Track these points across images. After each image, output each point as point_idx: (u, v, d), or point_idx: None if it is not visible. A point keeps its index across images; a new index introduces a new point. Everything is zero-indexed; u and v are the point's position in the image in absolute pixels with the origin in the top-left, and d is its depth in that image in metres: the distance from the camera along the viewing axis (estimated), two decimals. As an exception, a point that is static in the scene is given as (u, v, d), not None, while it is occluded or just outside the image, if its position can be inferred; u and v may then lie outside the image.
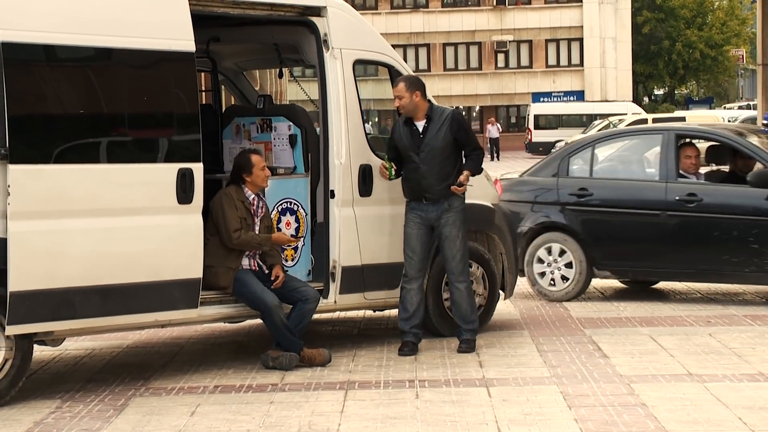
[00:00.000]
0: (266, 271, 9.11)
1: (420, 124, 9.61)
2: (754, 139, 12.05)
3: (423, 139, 9.58)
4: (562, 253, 12.22)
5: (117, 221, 8.29)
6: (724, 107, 68.10)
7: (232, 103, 11.60)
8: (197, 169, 8.63)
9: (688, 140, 12.30)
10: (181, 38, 8.61)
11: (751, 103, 59.74)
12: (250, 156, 9.13)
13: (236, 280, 8.98)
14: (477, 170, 9.70)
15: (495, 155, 55.70)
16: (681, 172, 11.89)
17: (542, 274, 12.32)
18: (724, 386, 8.11)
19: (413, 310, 9.58)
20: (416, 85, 9.64)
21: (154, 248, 8.46)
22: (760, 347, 9.52)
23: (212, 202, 9.01)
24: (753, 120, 37.28)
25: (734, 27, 75.33)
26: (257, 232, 9.09)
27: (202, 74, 10.96)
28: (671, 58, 74.05)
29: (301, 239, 9.61)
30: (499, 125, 59.56)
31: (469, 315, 9.68)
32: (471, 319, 9.68)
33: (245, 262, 9.08)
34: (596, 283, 13.16)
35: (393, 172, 9.60)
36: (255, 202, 9.12)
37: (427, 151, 9.55)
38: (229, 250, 8.96)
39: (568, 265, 12.21)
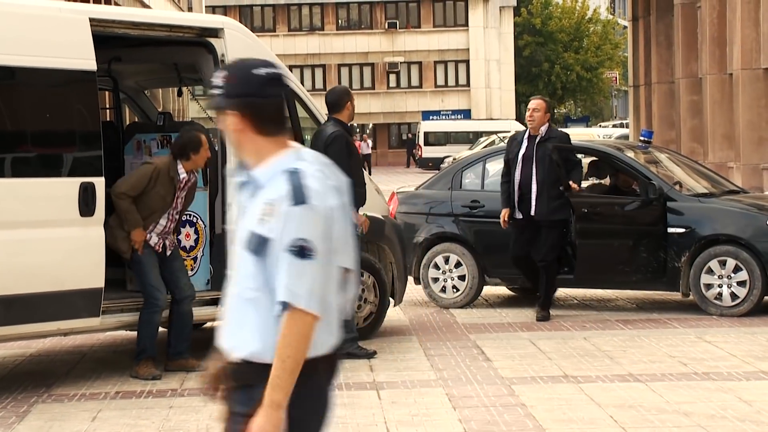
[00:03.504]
0: (168, 253, 8.96)
1: None
2: (631, 154, 12.25)
3: None
4: (458, 265, 12.27)
5: (21, 233, 8.14)
6: (600, 125, 69.24)
7: (135, 120, 11.45)
8: (99, 183, 8.53)
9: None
10: (83, 57, 8.50)
11: (624, 121, 60.86)
12: (201, 136, 8.89)
13: (137, 262, 8.78)
14: None
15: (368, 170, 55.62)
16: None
17: (435, 280, 12.36)
18: (597, 387, 8.21)
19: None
20: None
21: (57, 259, 8.32)
22: (630, 350, 9.66)
23: (143, 165, 8.81)
24: (626, 137, 37.95)
25: (608, 51, 76.66)
26: (179, 204, 8.87)
27: (105, 93, 10.82)
28: (550, 79, 75.07)
29: (200, 250, 9.50)
30: (369, 142, 59.75)
31: None
32: None
33: (153, 239, 8.91)
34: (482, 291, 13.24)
35: None
36: (185, 181, 8.91)
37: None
38: None
39: (462, 278, 12.26)
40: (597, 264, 11.61)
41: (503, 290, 13.20)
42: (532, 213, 11.11)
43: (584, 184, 13.24)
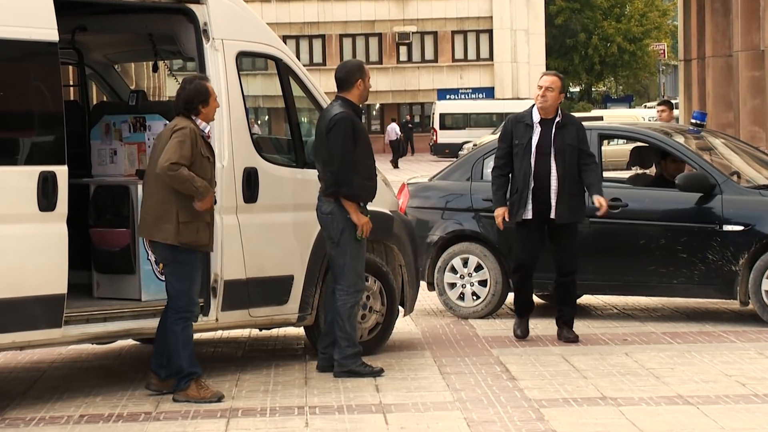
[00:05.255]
0: None
1: None
2: (681, 140, 12.24)
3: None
4: (478, 268, 12.26)
5: (-30, 231, 8.16)
6: (645, 106, 69.24)
7: (103, 99, 11.47)
8: (61, 172, 8.54)
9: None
10: (42, 26, 8.49)
11: (673, 101, 60.88)
12: (207, 84, 8.84)
13: (184, 263, 8.70)
14: None
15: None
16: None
17: (452, 285, 12.35)
18: (640, 410, 8.21)
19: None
20: None
21: (11, 261, 8.33)
22: (679, 367, 9.67)
23: (175, 133, 8.63)
24: (675, 119, 37.93)
25: (654, 19, 76.63)
26: (214, 172, 8.86)
27: (69, 67, 10.83)
28: (587, 52, 75.10)
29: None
30: (396, 126, 58.94)
31: None
32: None
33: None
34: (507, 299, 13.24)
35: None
36: (209, 133, 8.89)
37: None
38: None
39: (482, 283, 12.25)
40: (633, 266, 11.62)
41: (536, 297, 13.22)
42: (552, 215, 10.71)
43: (626, 173, 13.24)
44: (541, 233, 10.87)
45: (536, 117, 10.84)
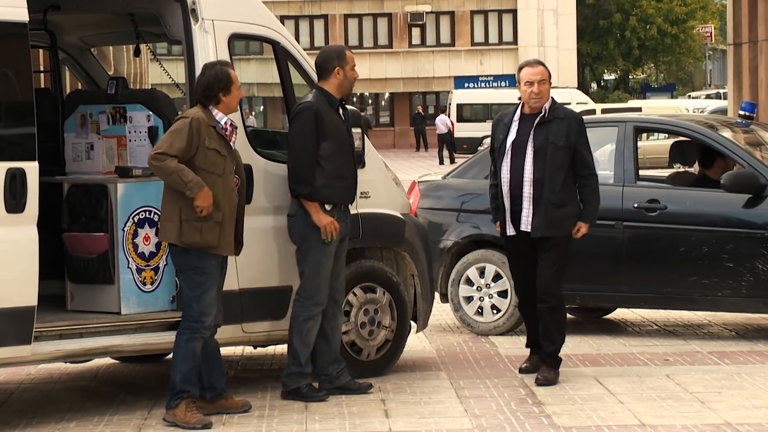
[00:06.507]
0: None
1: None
2: (728, 134, 12.25)
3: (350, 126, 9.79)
4: (497, 277, 12.25)
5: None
6: (689, 96, 69.23)
7: (78, 87, 11.51)
8: (31, 169, 8.57)
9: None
10: (10, 4, 8.53)
11: (721, 91, 60.87)
12: (229, 69, 8.93)
13: (198, 269, 8.75)
14: None
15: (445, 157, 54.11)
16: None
17: (469, 299, 12.35)
18: (683, 439, 8.24)
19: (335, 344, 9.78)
20: None
21: (-26, 270, 8.37)
22: (727, 391, 9.68)
23: (181, 120, 8.74)
24: (723, 111, 37.96)
25: (700, -2, 76.62)
26: (229, 168, 8.89)
27: (40, 51, 10.86)
28: (624, 35, 75.09)
29: (163, 258, 9.55)
30: (447, 118, 57.71)
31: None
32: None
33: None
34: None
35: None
36: (229, 128, 8.94)
37: (354, 143, 9.78)
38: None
39: (503, 294, 12.24)
40: (672, 276, 11.62)
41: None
42: (524, 227, 10.11)
43: (666, 172, 13.24)
44: (530, 254, 10.27)
45: (518, 113, 10.28)
